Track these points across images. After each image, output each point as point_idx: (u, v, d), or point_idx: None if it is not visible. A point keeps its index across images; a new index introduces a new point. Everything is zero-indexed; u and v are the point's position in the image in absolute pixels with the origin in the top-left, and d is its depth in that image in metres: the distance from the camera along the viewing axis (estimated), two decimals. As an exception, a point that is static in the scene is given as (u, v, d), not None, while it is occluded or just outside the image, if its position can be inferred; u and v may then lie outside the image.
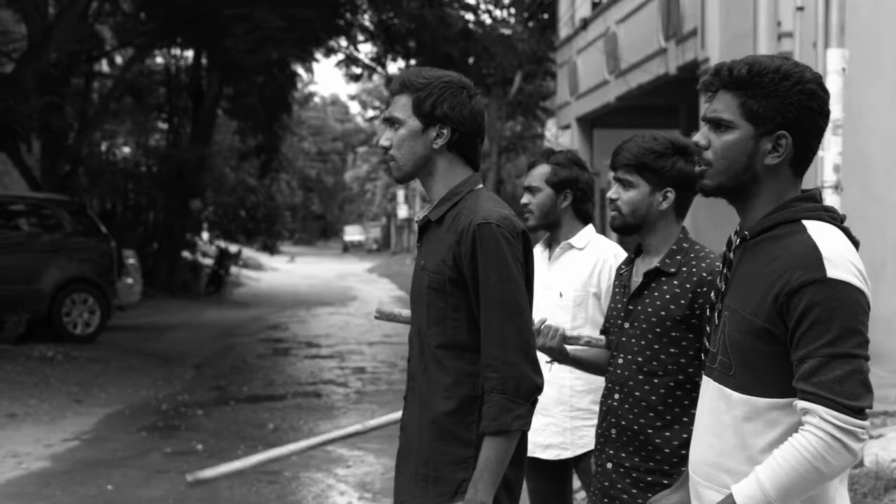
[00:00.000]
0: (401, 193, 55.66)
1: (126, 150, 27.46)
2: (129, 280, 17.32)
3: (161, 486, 7.58)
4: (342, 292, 30.78)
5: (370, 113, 77.52)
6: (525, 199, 4.22)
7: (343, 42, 19.29)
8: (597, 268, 4.13)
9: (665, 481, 3.04)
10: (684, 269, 3.18)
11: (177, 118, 25.52)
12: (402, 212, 55.93)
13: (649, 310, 3.17)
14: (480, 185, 2.90)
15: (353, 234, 74.55)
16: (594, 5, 23.73)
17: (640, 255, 3.38)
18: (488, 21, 25.15)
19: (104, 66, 24.03)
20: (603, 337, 3.40)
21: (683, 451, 3.01)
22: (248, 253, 35.82)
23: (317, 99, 60.14)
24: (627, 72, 19.53)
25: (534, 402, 2.70)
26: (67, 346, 13.64)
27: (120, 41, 18.80)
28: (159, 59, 26.19)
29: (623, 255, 3.94)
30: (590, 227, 4.29)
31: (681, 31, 16.66)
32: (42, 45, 12.89)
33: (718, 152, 2.35)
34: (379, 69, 21.99)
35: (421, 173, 2.89)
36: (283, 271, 41.59)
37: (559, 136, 28.83)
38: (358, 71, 21.92)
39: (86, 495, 7.35)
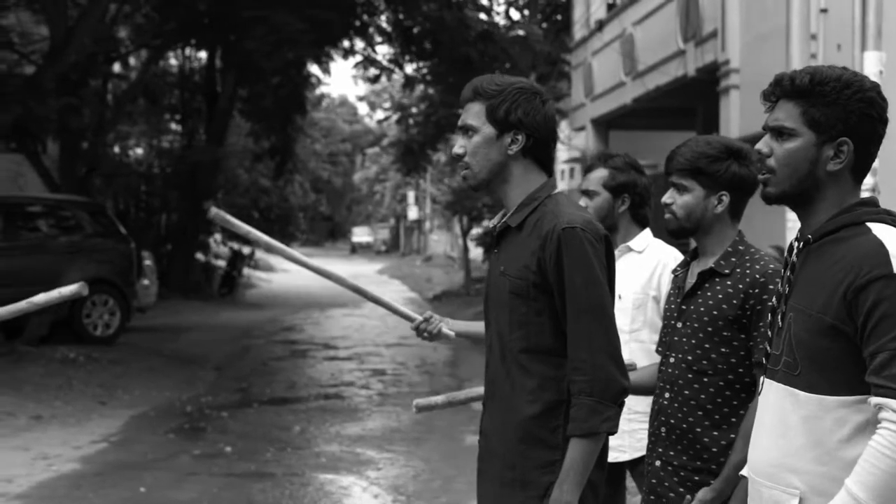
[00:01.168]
0: (411, 195, 55.61)
1: (139, 151, 27.47)
2: (146, 281, 17.32)
3: (193, 489, 7.57)
4: (353, 295, 30.64)
5: (379, 114, 77.65)
6: (582, 202, 4.20)
7: (361, 44, 19.32)
8: (657, 271, 4.12)
9: (712, 481, 3.04)
10: (738, 270, 3.20)
11: (191, 120, 25.52)
12: (413, 213, 55.90)
13: (701, 309, 3.18)
14: (557, 190, 2.89)
15: (361, 235, 74.52)
16: (609, 7, 23.70)
17: (697, 258, 3.38)
18: (502, 22, 25.09)
19: (116, 67, 24.02)
20: None
21: (730, 452, 3.02)
22: (259, 254, 35.80)
23: (325, 100, 60.12)
24: (645, 73, 19.50)
25: (621, 405, 2.70)
26: (88, 348, 13.63)
27: (137, 43, 18.80)
28: (173, 61, 26.20)
29: (681, 258, 3.94)
30: (647, 230, 4.28)
31: (700, 32, 16.63)
32: (63, 47, 12.89)
33: (781, 160, 2.39)
34: (396, 70, 21.97)
35: (496, 180, 2.89)
36: (293, 272, 41.51)
37: (572, 137, 28.82)
38: (375, 72, 21.92)
39: (119, 498, 7.34)
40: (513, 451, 2.76)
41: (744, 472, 2.70)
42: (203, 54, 25.28)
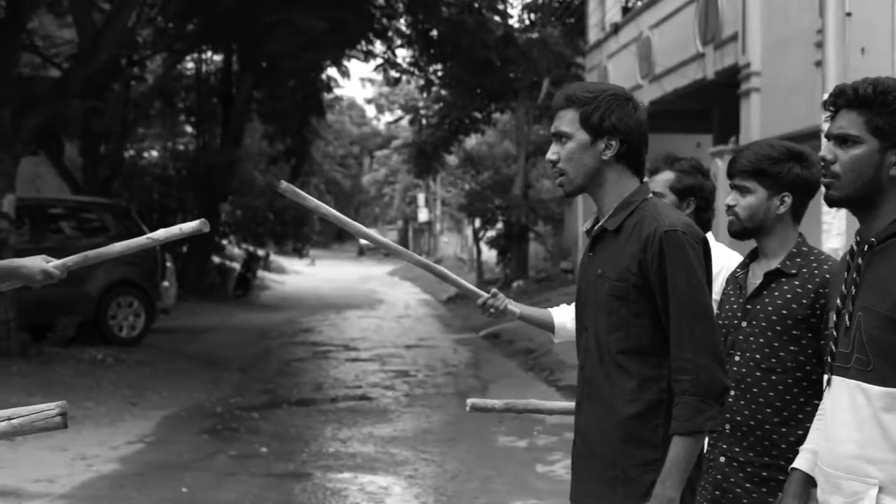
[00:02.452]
0: (421, 197, 55.71)
1: (154, 153, 27.56)
2: (166, 283, 17.40)
3: (234, 489, 7.64)
4: (367, 295, 30.88)
5: (388, 117, 77.69)
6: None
7: (381, 46, 19.40)
8: (721, 275, 4.17)
9: (781, 477, 3.10)
10: (805, 270, 3.25)
11: (206, 122, 25.61)
12: (423, 215, 55.99)
13: (769, 309, 3.24)
14: (651, 194, 2.96)
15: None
16: (625, 10, 23.78)
17: (756, 259, 3.44)
18: (516, 25, 25.17)
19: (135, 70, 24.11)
20: None
21: (799, 448, 3.08)
22: (271, 256, 35.96)
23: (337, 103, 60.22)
24: (662, 76, 19.57)
25: (723, 403, 2.76)
26: (115, 349, 13.72)
27: (158, 46, 18.88)
28: (189, 64, 26.28)
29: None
30: (710, 234, 4.33)
31: (719, 36, 16.68)
32: (91, 51, 12.98)
33: (846, 165, 2.52)
34: (415, 73, 22.08)
35: (591, 185, 2.95)
36: (305, 274, 41.74)
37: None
38: (396, 75, 22.02)
39: (161, 498, 7.41)
40: (614, 450, 2.83)
41: (800, 465, 2.84)
42: (218, 57, 25.35)
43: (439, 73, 21.84)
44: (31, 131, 12.71)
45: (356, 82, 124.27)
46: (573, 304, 3.99)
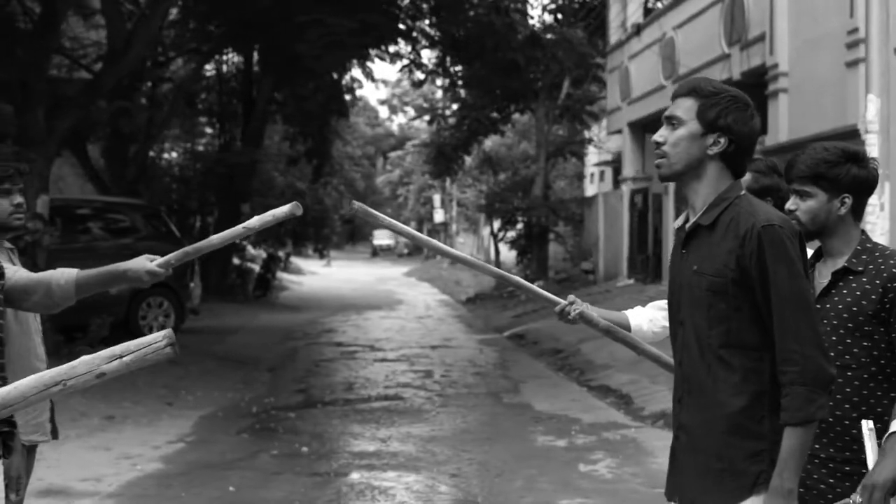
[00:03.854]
0: (437, 198, 55.75)
1: (174, 154, 27.64)
2: (192, 284, 17.47)
3: (281, 488, 7.68)
4: (386, 296, 30.91)
5: (401, 118, 77.71)
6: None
7: (406, 47, 19.45)
8: None
9: (863, 470, 3.13)
10: (871, 267, 3.30)
11: (227, 123, 25.69)
12: (439, 216, 56.04)
13: (839, 307, 3.29)
14: (744, 191, 3.00)
15: (382, 238, 74.62)
16: (647, 11, 23.78)
17: (822, 259, 3.47)
18: (537, 26, 25.18)
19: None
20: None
21: (878, 440, 3.11)
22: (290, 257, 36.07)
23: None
24: (686, 77, 19.55)
25: (830, 392, 2.80)
26: (146, 350, 13.76)
27: (185, 47, 18.95)
28: (208, 65, 26.34)
29: None
30: None
31: (746, 36, 16.69)
32: (123, 52, 13.04)
33: None
34: (441, 74, 22.12)
35: (689, 175, 3.00)
36: (321, 275, 41.78)
37: (606, 140, 28.90)
38: (421, 76, 22.08)
39: (210, 497, 7.46)
40: (720, 443, 2.86)
41: None
42: (239, 58, 25.41)
43: (462, 75, 21.83)
44: (63, 132, 12.77)
45: (369, 83, 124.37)
46: (647, 306, 4.04)
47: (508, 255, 32.11)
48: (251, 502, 7.35)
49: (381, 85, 63.80)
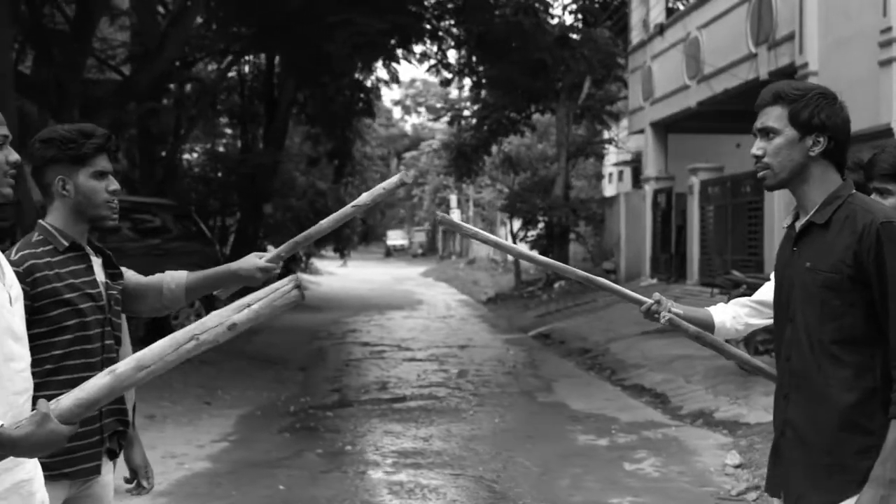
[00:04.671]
0: (453, 199, 55.83)
1: (194, 154, 27.72)
2: (218, 284, 17.51)
3: (331, 486, 7.71)
4: (406, 296, 30.96)
5: (415, 118, 77.78)
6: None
7: (433, 47, 19.49)
8: None
9: None
10: None
11: (250, 124, 25.74)
12: (455, 217, 55.97)
13: None
14: (854, 190, 3.02)
15: (395, 238, 74.78)
16: (669, 11, 23.78)
17: None
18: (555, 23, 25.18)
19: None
20: None
21: None
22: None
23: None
24: (711, 77, 19.57)
25: None
26: (179, 349, 13.83)
27: (213, 48, 19.00)
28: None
29: None
30: None
31: (773, 36, 16.69)
32: (156, 53, 13.11)
33: None
34: (468, 74, 22.13)
35: (795, 180, 3.03)
36: (339, 275, 41.85)
37: (626, 140, 28.90)
38: (448, 76, 22.09)
39: (261, 495, 7.49)
40: (829, 438, 2.89)
41: None
42: (260, 59, 25.45)
43: (488, 75, 21.84)
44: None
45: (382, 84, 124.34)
46: (729, 303, 4.04)
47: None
48: (302, 500, 7.38)
49: (394, 85, 63.67)
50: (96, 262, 3.54)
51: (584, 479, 7.96)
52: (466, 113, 30.01)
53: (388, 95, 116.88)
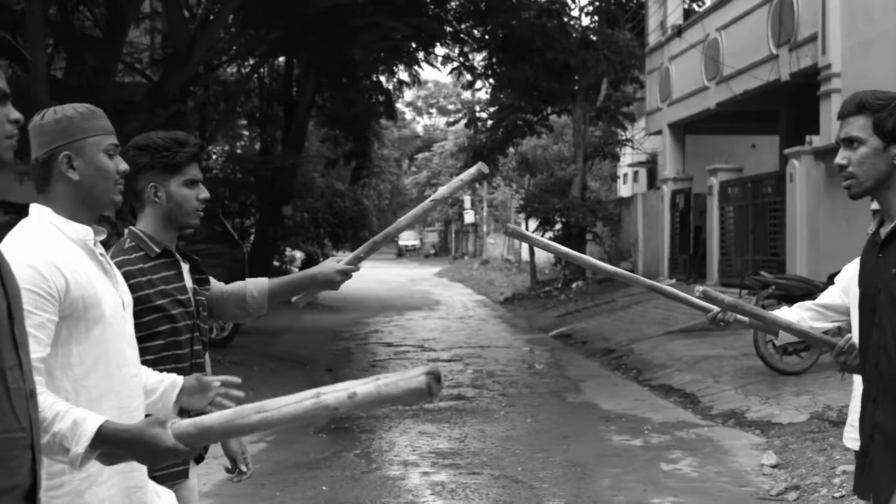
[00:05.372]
0: (467, 199, 55.88)
1: (213, 156, 27.84)
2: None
3: (374, 487, 7.80)
4: (423, 296, 31.06)
5: (426, 119, 77.85)
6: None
7: (454, 50, 19.58)
8: None
9: None
10: None
11: (269, 126, 25.86)
12: (469, 217, 56.19)
13: None
14: None
15: (407, 238, 74.86)
16: (687, 13, 23.85)
17: None
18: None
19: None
20: None
21: None
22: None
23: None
24: (730, 78, 19.63)
25: None
26: (209, 351, 13.94)
27: (239, 52, 19.10)
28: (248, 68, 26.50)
29: None
30: None
31: (795, 37, 16.75)
32: (187, 57, 13.22)
33: None
34: (490, 76, 22.22)
35: (880, 188, 3.10)
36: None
37: (643, 141, 28.95)
38: (470, 78, 22.19)
39: (305, 496, 7.58)
40: (919, 441, 2.97)
41: None
42: (280, 61, 25.57)
43: (511, 77, 21.90)
44: (129, 136, 12.93)
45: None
46: (793, 307, 4.10)
47: (542, 254, 32.19)
48: (346, 501, 7.47)
49: (405, 86, 63.69)
50: (184, 268, 3.63)
51: (623, 479, 8.04)
52: (483, 115, 30.05)
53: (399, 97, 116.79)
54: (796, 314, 4.03)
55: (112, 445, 2.37)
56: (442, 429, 10.13)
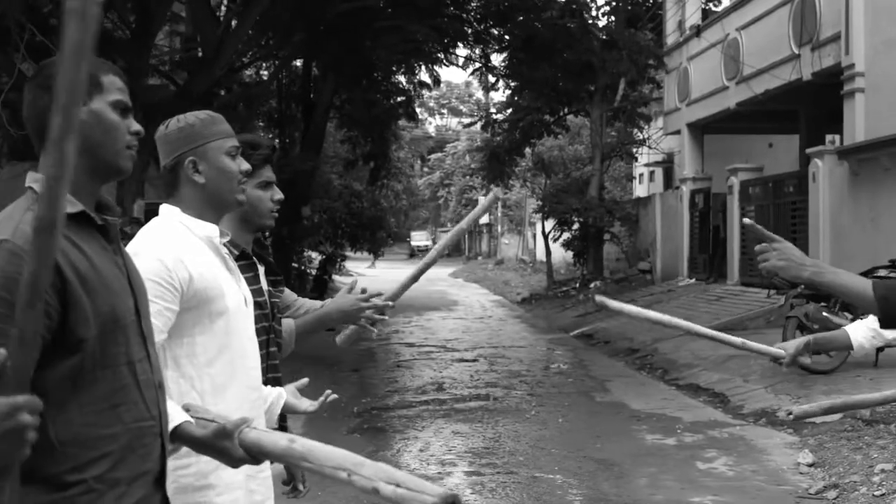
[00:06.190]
0: (481, 200, 55.88)
1: (229, 158, 27.89)
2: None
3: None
4: (440, 297, 31.13)
5: (438, 120, 77.93)
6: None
7: (476, 51, 19.63)
8: None
9: None
10: None
11: (287, 128, 25.93)
12: (483, 217, 56.15)
13: None
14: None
15: (419, 239, 74.99)
16: (705, 13, 23.87)
17: None
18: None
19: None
20: None
21: None
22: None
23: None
24: (751, 78, 19.65)
25: None
26: (237, 351, 14.03)
27: (261, 54, 19.20)
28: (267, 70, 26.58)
29: None
30: None
31: (817, 36, 16.77)
32: (214, 60, 13.30)
33: None
34: (511, 77, 22.27)
35: None
36: (369, 276, 41.85)
37: (660, 140, 28.97)
38: (492, 79, 22.24)
39: (347, 496, 7.63)
40: None
41: None
42: (297, 63, 25.64)
43: (533, 78, 21.93)
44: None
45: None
46: (865, 319, 4.12)
47: (558, 255, 32.25)
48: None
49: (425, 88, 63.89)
50: (261, 270, 3.69)
51: (660, 478, 8.09)
52: (500, 116, 30.10)
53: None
54: (868, 327, 4.02)
55: (186, 444, 2.45)
56: (475, 429, 10.18)
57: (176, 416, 2.46)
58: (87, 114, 2.14)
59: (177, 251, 2.78)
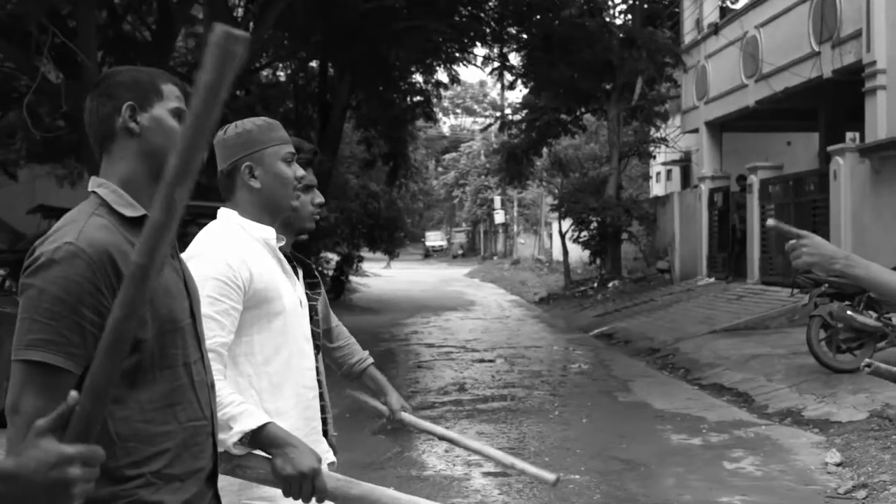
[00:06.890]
0: (497, 200, 55.91)
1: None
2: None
3: (441, 486, 7.86)
4: (457, 297, 31.11)
5: (452, 119, 77.92)
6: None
7: (494, 51, 19.60)
8: None
9: None
10: None
11: (304, 129, 25.93)
12: (499, 217, 56.19)
13: None
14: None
15: (434, 239, 75.07)
16: (723, 10, 23.79)
17: None
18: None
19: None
20: None
21: None
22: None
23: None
24: (770, 75, 19.57)
25: None
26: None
27: (280, 55, 19.23)
28: (283, 71, 26.60)
29: None
30: None
31: (838, 34, 16.69)
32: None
33: None
34: (530, 76, 22.23)
35: None
36: (385, 277, 42.10)
37: (678, 139, 28.89)
38: (511, 79, 22.22)
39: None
40: None
41: None
42: (313, 64, 25.65)
43: (551, 77, 21.89)
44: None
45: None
46: None
47: (574, 254, 32.20)
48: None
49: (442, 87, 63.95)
50: (299, 273, 3.68)
51: (687, 478, 8.05)
52: (517, 117, 30.07)
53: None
54: None
55: (270, 444, 2.54)
56: (499, 429, 10.16)
57: (259, 415, 2.58)
58: (148, 119, 2.23)
59: (239, 252, 2.85)
